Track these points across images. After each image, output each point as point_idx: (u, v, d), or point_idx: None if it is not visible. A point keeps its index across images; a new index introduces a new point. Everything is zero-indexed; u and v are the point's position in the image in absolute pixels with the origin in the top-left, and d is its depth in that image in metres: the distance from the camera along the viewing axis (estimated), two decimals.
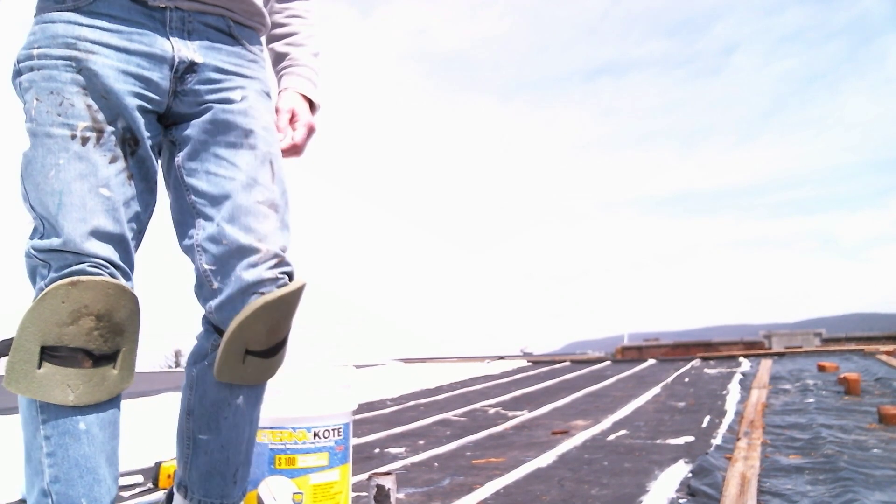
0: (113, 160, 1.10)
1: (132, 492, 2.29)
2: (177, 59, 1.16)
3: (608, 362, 9.19)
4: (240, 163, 1.19)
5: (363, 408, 4.81)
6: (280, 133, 1.31)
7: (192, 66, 1.18)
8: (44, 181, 1.06)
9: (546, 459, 2.69)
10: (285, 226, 1.22)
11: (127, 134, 1.12)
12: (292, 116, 1.35)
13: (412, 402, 5.18)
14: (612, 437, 3.23)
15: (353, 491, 2.03)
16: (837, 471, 2.18)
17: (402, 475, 2.49)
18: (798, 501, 1.90)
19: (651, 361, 8.87)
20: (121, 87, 1.10)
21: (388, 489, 1.83)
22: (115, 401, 1.11)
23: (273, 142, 1.25)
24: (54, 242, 1.05)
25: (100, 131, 1.09)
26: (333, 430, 1.63)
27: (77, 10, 1.11)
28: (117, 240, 1.10)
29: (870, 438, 2.82)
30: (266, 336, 1.18)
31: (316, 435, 1.61)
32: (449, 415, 4.32)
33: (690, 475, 2.26)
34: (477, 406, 4.76)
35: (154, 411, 4.49)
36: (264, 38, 1.38)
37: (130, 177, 1.13)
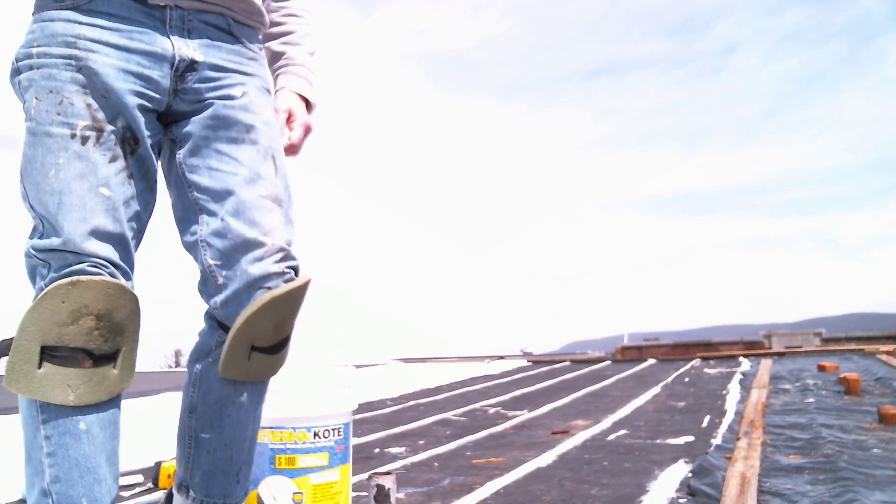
0: (113, 159, 1.10)
1: (132, 492, 2.29)
2: (177, 58, 1.16)
3: (608, 362, 9.19)
4: (242, 158, 1.19)
5: (363, 408, 4.81)
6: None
7: (192, 65, 1.18)
8: (43, 180, 1.06)
9: (546, 459, 2.68)
10: (289, 220, 1.22)
11: (127, 133, 1.12)
12: (289, 116, 1.35)
13: (412, 402, 5.18)
14: (612, 437, 3.23)
15: (353, 491, 2.03)
16: (837, 471, 2.18)
17: (402, 475, 2.49)
18: (798, 501, 1.90)
19: (651, 361, 8.87)
20: (121, 86, 1.10)
21: (388, 489, 1.83)
22: (115, 400, 1.11)
23: (275, 137, 1.25)
24: (54, 242, 1.05)
25: (99, 130, 1.09)
26: (333, 429, 1.63)
27: (76, 9, 1.11)
28: (117, 239, 1.10)
29: (870, 438, 2.82)
30: (272, 331, 1.18)
31: (316, 435, 1.61)
32: (449, 415, 4.32)
33: (690, 475, 2.26)
34: (477, 406, 4.76)
35: (154, 411, 4.49)
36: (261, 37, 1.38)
37: (130, 176, 1.13)
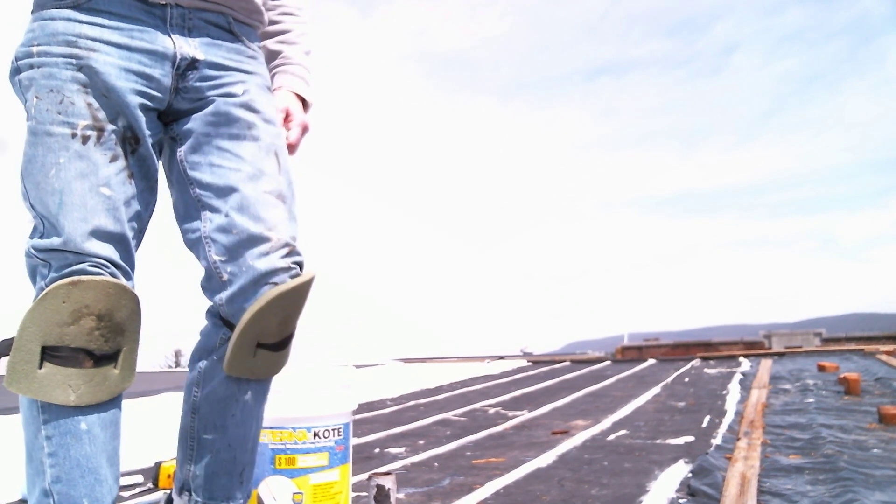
0: (113, 159, 1.10)
1: (132, 492, 2.29)
2: (178, 56, 1.16)
3: (608, 362, 9.19)
4: (244, 154, 1.19)
5: (363, 408, 4.81)
6: None
7: (193, 63, 1.18)
8: (44, 180, 1.06)
9: (546, 459, 2.68)
10: (293, 216, 1.22)
11: (127, 132, 1.12)
12: (286, 116, 1.35)
13: (412, 402, 5.18)
14: (612, 437, 3.22)
15: (353, 491, 2.02)
16: (837, 471, 2.18)
17: (402, 475, 2.49)
18: (798, 501, 1.90)
19: (651, 361, 8.87)
20: (122, 85, 1.10)
21: (388, 489, 1.83)
22: (116, 401, 1.11)
23: (277, 133, 1.25)
24: (55, 242, 1.05)
25: (100, 130, 1.09)
26: (333, 430, 1.63)
27: (76, 8, 1.11)
28: (118, 239, 1.10)
29: (870, 438, 2.82)
30: (278, 327, 1.18)
31: (316, 435, 1.61)
32: (449, 415, 4.32)
33: (690, 475, 2.26)
34: (477, 406, 4.76)
35: (154, 411, 4.49)
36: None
37: (131, 175, 1.12)
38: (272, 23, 1.41)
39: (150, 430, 3.42)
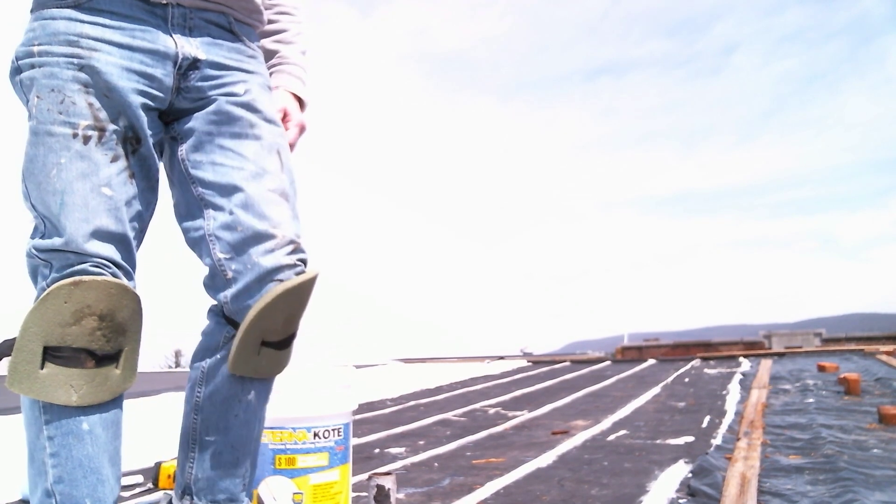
0: (114, 159, 1.10)
1: (132, 492, 2.29)
2: (180, 56, 1.16)
3: (608, 362, 9.19)
4: (246, 153, 1.19)
5: (363, 408, 4.81)
6: None
7: (194, 63, 1.18)
8: (45, 180, 1.06)
9: (546, 459, 2.69)
10: (296, 214, 1.22)
11: (129, 132, 1.12)
12: (284, 115, 1.35)
13: (412, 402, 5.18)
14: (612, 437, 3.23)
15: (353, 491, 2.03)
16: (837, 471, 2.19)
17: (402, 475, 2.49)
18: (798, 501, 1.90)
19: (651, 361, 8.87)
20: (124, 85, 1.10)
21: (388, 489, 1.83)
22: (117, 401, 1.11)
23: (279, 132, 1.26)
24: (56, 242, 1.05)
25: (101, 130, 1.09)
26: (333, 430, 1.63)
27: (77, 7, 1.11)
28: (119, 239, 1.10)
29: (870, 438, 2.82)
30: (283, 325, 1.18)
31: (316, 435, 1.61)
32: (449, 415, 4.32)
33: (690, 475, 2.26)
34: (477, 406, 4.76)
35: (154, 411, 4.49)
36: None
37: (132, 175, 1.12)
38: (270, 22, 1.41)
39: (151, 430, 3.43)
